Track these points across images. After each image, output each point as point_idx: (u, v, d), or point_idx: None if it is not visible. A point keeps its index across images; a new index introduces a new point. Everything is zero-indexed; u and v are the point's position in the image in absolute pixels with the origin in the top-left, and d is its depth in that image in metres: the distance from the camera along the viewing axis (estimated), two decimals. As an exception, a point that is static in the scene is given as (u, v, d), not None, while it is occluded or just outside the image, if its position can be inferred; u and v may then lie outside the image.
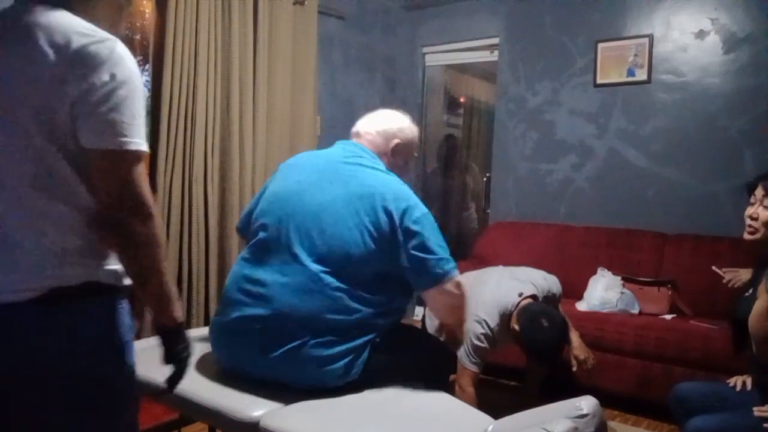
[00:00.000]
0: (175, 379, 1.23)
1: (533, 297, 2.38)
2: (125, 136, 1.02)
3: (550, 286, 2.54)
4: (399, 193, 1.69)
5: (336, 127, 3.74)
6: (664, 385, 2.50)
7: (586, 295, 3.25)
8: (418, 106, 4.66)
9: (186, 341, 1.21)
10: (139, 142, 1.04)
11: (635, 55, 3.58)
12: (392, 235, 1.63)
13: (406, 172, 1.92)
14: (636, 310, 3.11)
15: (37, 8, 1.05)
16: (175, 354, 1.19)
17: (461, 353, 2.31)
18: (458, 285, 1.69)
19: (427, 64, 4.67)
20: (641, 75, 3.56)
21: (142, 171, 1.06)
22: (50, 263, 1.04)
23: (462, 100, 5.61)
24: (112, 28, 1.13)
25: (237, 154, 3.16)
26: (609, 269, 3.29)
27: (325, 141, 3.45)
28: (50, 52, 1.00)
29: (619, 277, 3.22)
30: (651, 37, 3.52)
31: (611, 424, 2.72)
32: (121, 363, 1.13)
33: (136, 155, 1.04)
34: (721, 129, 3.33)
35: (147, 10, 3.22)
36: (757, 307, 1.22)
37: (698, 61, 3.40)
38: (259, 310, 1.60)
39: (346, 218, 1.63)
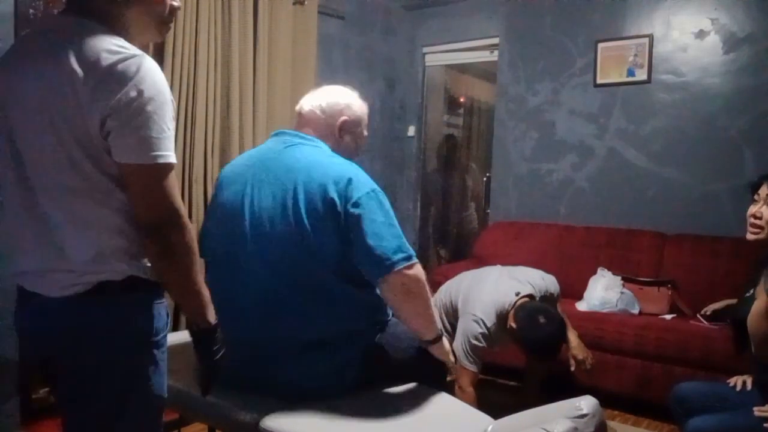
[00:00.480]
0: (209, 379, 1.26)
1: (530, 296, 2.39)
2: (154, 150, 1.05)
3: (548, 286, 2.55)
4: (338, 175, 1.52)
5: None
6: (664, 385, 2.50)
7: (586, 295, 3.25)
8: (418, 106, 4.66)
9: (219, 342, 1.24)
10: (168, 155, 1.08)
11: (635, 55, 3.57)
12: (335, 224, 1.50)
13: (356, 153, 1.78)
14: (636, 310, 3.11)
15: (71, 24, 1.09)
16: (211, 355, 1.22)
17: (459, 353, 2.31)
18: (416, 279, 1.52)
19: (427, 64, 4.66)
20: (641, 75, 3.56)
21: (173, 182, 1.10)
22: (93, 261, 1.10)
23: (462, 100, 5.61)
24: (147, 38, 1.20)
25: (237, 154, 3.15)
26: (609, 269, 3.29)
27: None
28: (80, 70, 1.03)
29: (619, 277, 3.22)
30: (651, 37, 3.52)
31: (611, 424, 2.72)
32: (155, 357, 1.17)
33: (166, 167, 1.08)
34: (721, 129, 3.33)
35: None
36: (756, 307, 1.22)
37: (698, 61, 3.40)
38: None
39: (286, 222, 1.52)
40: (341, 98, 1.74)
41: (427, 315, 1.61)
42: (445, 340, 1.71)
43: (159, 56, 2.87)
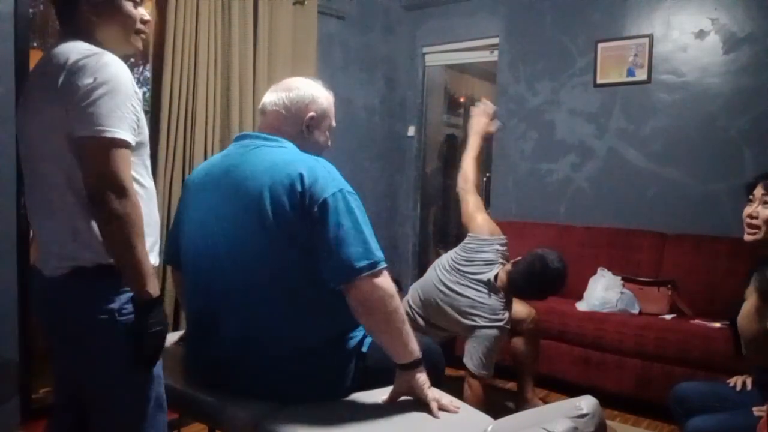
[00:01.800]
0: (142, 352, 1.29)
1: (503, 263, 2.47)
2: (101, 125, 1.19)
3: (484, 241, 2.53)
4: (302, 175, 1.42)
5: (336, 126, 3.73)
6: (664, 385, 2.50)
7: (586, 295, 3.25)
8: (418, 106, 4.66)
9: (159, 317, 1.29)
10: (115, 131, 1.20)
11: (635, 55, 3.58)
12: (304, 229, 1.41)
13: (326, 147, 1.68)
14: (636, 310, 3.12)
15: (62, 41, 1.30)
16: (146, 327, 1.27)
17: (475, 363, 2.36)
18: (379, 288, 1.40)
19: (427, 64, 4.67)
20: (641, 75, 3.56)
21: (120, 156, 1.22)
22: (71, 248, 1.28)
23: (462, 100, 5.61)
24: (123, 48, 1.37)
25: (237, 154, 3.16)
26: (609, 269, 3.29)
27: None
28: (58, 72, 1.22)
29: (619, 277, 3.22)
30: (651, 37, 3.52)
31: (611, 424, 2.72)
32: (122, 339, 1.28)
33: (111, 141, 1.20)
34: (721, 129, 3.33)
35: (147, 10, 3.22)
36: (745, 308, 1.23)
37: (698, 61, 3.40)
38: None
39: (256, 231, 1.44)
40: (305, 92, 1.62)
41: (396, 331, 1.43)
42: (423, 375, 1.50)
43: (159, 56, 2.87)
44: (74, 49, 1.25)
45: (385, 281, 1.41)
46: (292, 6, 3.42)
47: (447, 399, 1.51)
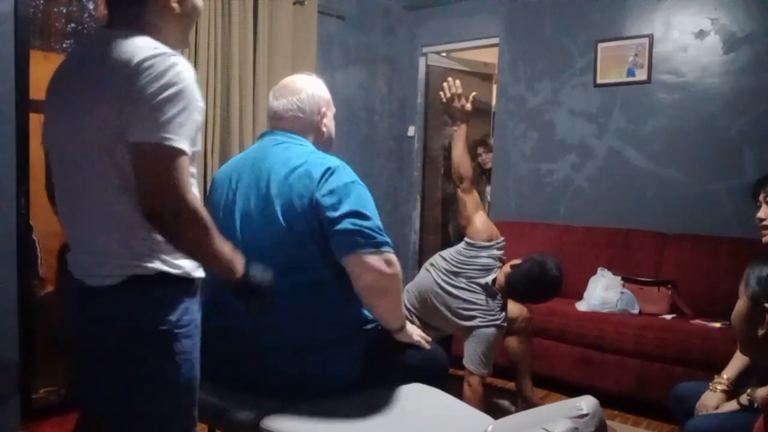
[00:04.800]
0: (259, 302, 1.34)
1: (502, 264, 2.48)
2: (164, 132, 1.09)
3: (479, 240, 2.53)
4: (321, 169, 1.53)
5: (336, 126, 3.74)
6: (664, 385, 2.50)
7: (586, 295, 3.25)
8: (418, 106, 4.66)
9: (256, 282, 1.30)
10: (179, 140, 1.11)
11: (635, 55, 3.57)
12: (319, 219, 1.50)
13: (332, 141, 1.80)
14: (636, 310, 3.12)
15: (115, 33, 1.17)
16: (254, 292, 1.31)
17: (474, 362, 2.38)
18: (390, 263, 1.50)
19: (427, 64, 4.66)
20: (641, 75, 3.56)
21: (180, 166, 1.11)
22: (127, 257, 1.18)
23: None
24: (180, 43, 1.30)
25: (237, 153, 3.15)
26: (609, 269, 3.29)
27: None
28: (119, 70, 1.11)
29: (619, 277, 3.22)
30: (651, 37, 3.52)
31: (611, 424, 2.72)
32: (185, 347, 1.22)
33: (173, 150, 1.10)
34: (721, 129, 3.33)
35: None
36: (737, 307, 1.24)
37: (698, 61, 3.40)
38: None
39: (276, 221, 1.53)
40: (312, 91, 1.72)
41: (398, 305, 1.61)
42: (408, 325, 1.72)
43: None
44: (139, 46, 1.13)
45: (393, 259, 1.51)
46: (292, 6, 3.43)
47: (417, 332, 1.74)
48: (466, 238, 2.52)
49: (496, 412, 1.49)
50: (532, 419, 1.30)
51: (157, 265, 1.19)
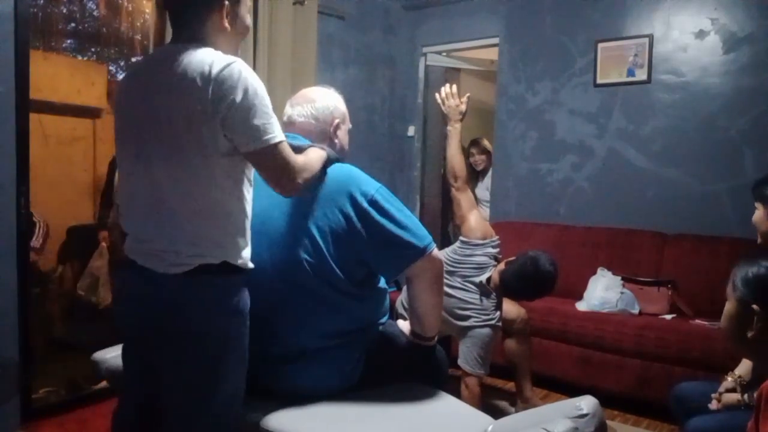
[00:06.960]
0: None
1: (496, 261, 2.48)
2: (265, 134, 1.29)
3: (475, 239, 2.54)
4: (344, 179, 1.57)
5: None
6: (664, 385, 2.50)
7: (586, 295, 3.25)
8: (418, 106, 4.66)
9: (333, 158, 1.55)
10: (276, 135, 1.31)
11: (635, 55, 3.58)
12: (346, 227, 1.52)
13: (346, 149, 1.81)
14: (636, 310, 3.12)
15: (185, 47, 1.33)
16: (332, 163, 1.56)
17: (470, 363, 2.38)
18: (440, 263, 1.62)
19: (427, 64, 4.67)
20: (641, 75, 3.56)
21: (285, 150, 1.34)
22: (203, 247, 1.31)
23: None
24: (232, 52, 1.41)
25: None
26: (609, 269, 3.29)
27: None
28: (198, 79, 1.26)
29: (619, 277, 3.22)
30: (651, 37, 3.52)
31: (611, 424, 2.72)
32: (242, 328, 1.38)
33: (277, 145, 1.32)
34: (721, 129, 3.33)
35: (147, 10, 3.22)
36: (725, 309, 1.24)
37: (698, 61, 3.40)
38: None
39: (291, 223, 1.55)
40: (328, 102, 1.76)
41: (440, 308, 1.71)
42: (401, 321, 1.80)
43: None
44: (209, 57, 1.29)
45: (441, 256, 1.64)
46: (292, 6, 3.43)
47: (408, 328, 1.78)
48: (461, 237, 2.54)
49: (496, 413, 1.49)
50: (532, 419, 1.30)
51: (223, 254, 1.33)
